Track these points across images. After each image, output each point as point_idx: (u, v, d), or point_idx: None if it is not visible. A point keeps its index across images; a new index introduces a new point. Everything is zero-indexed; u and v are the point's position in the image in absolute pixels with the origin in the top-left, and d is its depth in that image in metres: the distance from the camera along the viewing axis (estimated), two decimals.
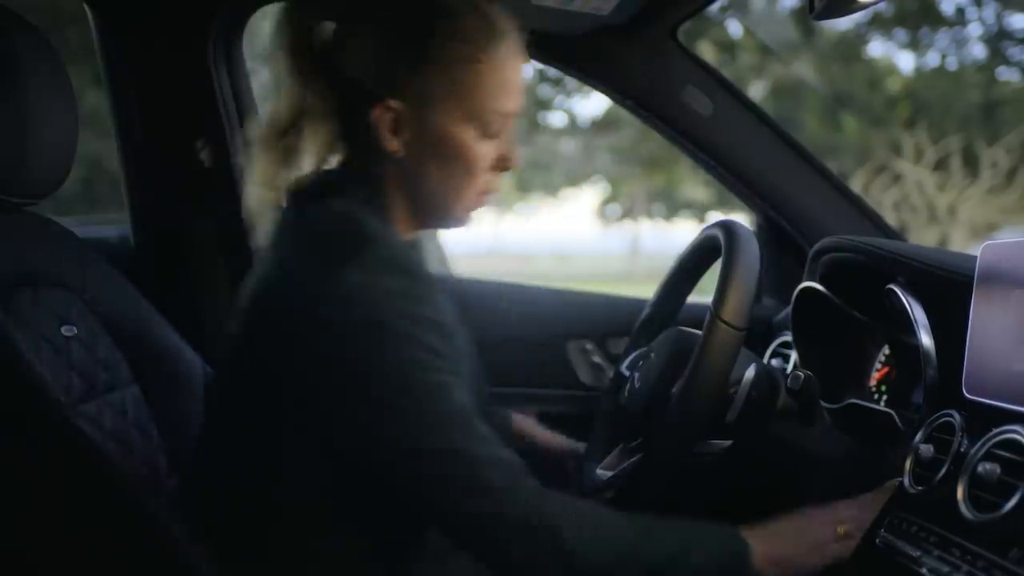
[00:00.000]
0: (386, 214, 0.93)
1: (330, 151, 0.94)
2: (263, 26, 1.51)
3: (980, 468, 0.88)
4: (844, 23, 9.20)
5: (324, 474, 0.88)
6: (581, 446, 1.30)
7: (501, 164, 0.94)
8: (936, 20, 9.23)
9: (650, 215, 13.29)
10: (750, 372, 1.07)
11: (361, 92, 0.89)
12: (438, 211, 0.95)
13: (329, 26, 0.92)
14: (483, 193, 0.95)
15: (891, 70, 10.02)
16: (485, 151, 0.92)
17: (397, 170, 0.92)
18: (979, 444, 0.91)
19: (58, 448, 0.86)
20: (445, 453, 0.83)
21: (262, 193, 0.93)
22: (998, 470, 0.86)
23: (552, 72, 8.83)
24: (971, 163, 8.41)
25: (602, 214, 13.62)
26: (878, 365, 1.28)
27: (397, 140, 0.90)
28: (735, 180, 1.63)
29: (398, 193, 0.94)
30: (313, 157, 0.93)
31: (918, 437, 1.00)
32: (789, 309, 1.32)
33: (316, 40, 0.91)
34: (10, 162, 0.99)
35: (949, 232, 8.39)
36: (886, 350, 1.27)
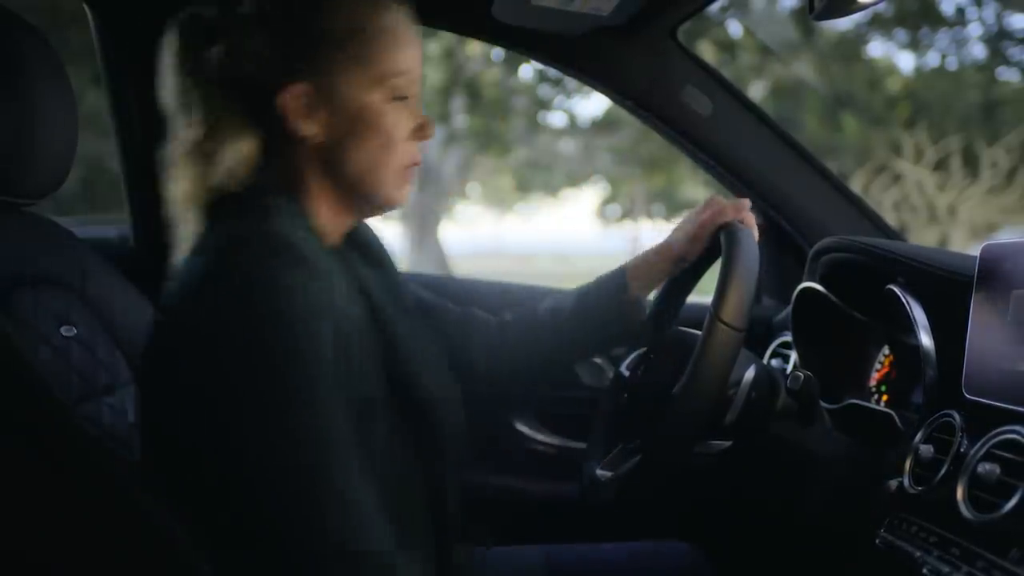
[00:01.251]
0: (312, 210, 0.92)
1: (251, 160, 0.90)
2: None
3: (980, 468, 0.88)
4: (844, 23, 9.20)
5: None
6: (581, 446, 1.30)
7: (420, 133, 0.94)
8: (936, 20, 9.23)
9: (650, 215, 13.28)
10: (750, 373, 1.07)
11: (262, 85, 0.89)
12: (366, 193, 0.93)
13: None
14: (407, 166, 0.94)
15: (891, 70, 10.02)
16: (399, 118, 0.91)
17: (317, 158, 0.91)
18: (979, 444, 0.91)
19: (57, 449, 0.86)
20: (299, 471, 0.75)
21: (183, 211, 0.90)
22: (998, 470, 0.86)
23: (552, 72, 8.83)
24: (971, 163, 8.41)
25: (602, 214, 13.62)
26: (878, 365, 1.28)
27: (312, 122, 0.89)
28: (735, 180, 1.63)
29: (322, 185, 0.92)
30: (234, 169, 0.89)
31: (918, 437, 1.01)
32: (789, 309, 1.32)
33: (209, 54, 0.90)
34: (10, 162, 0.99)
35: (949, 232, 8.39)
36: (886, 350, 1.27)
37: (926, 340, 1.06)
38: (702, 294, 1.29)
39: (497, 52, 9.13)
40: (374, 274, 1.03)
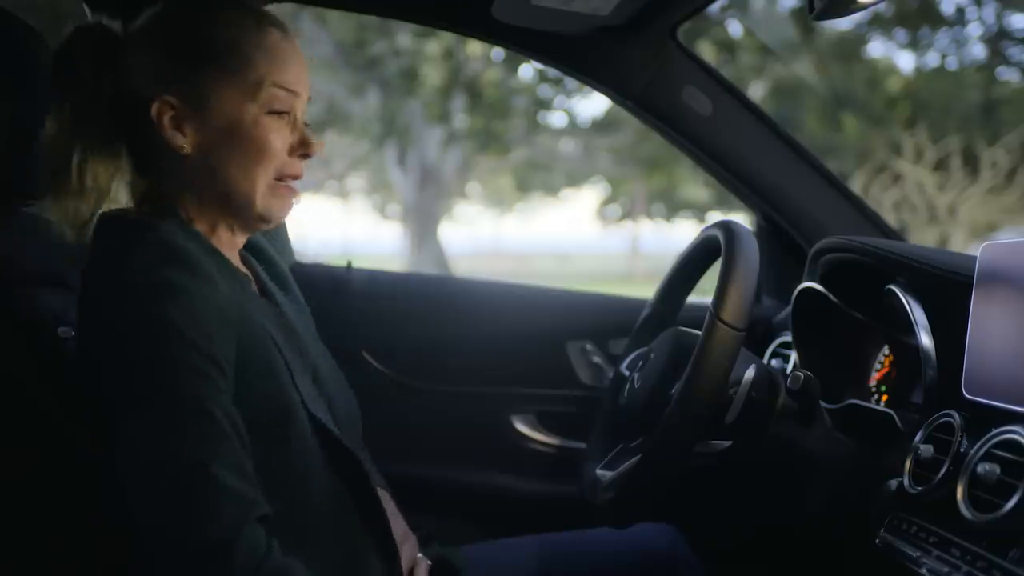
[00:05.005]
0: (194, 224, 0.94)
1: (125, 175, 0.94)
2: None
3: (980, 468, 0.88)
4: (844, 23, 9.20)
5: None
6: (581, 446, 1.30)
7: (300, 149, 0.94)
8: (936, 20, 9.23)
9: (650, 215, 13.29)
10: (750, 373, 1.07)
11: (137, 100, 0.91)
12: (239, 206, 0.93)
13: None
14: (283, 178, 0.94)
15: (891, 70, 10.02)
16: (275, 130, 0.92)
17: (190, 172, 0.92)
18: (979, 444, 0.91)
19: (55, 449, 0.86)
20: (177, 461, 0.79)
21: (66, 227, 0.92)
22: (998, 470, 0.86)
23: (552, 72, 8.83)
24: (971, 163, 8.41)
25: (602, 214, 13.62)
26: (878, 365, 1.28)
27: (182, 135, 0.91)
28: (735, 180, 1.63)
29: (198, 199, 0.94)
30: (102, 187, 0.92)
31: (918, 437, 1.01)
32: (789, 309, 1.32)
33: (103, 77, 0.93)
34: (9, 162, 0.99)
35: (949, 232, 8.40)
36: (886, 350, 1.27)
37: (926, 340, 1.06)
38: (702, 294, 1.29)
39: (497, 52, 9.14)
40: (278, 289, 1.06)
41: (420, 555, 1.08)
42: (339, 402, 1.01)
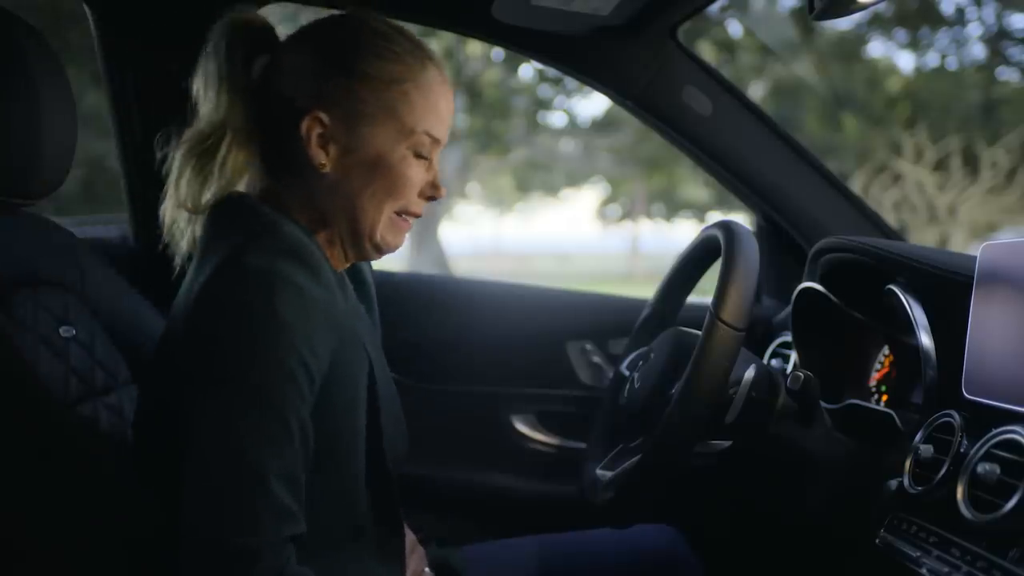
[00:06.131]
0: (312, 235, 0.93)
1: (252, 170, 0.94)
2: None
3: (980, 468, 0.88)
4: (844, 23, 9.20)
5: None
6: (581, 446, 1.30)
7: (430, 191, 0.95)
8: (936, 20, 9.23)
9: (650, 215, 13.28)
10: (750, 373, 1.07)
11: (291, 107, 0.90)
12: (359, 233, 0.94)
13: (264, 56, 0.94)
14: (405, 213, 0.95)
15: (891, 70, 10.02)
16: (415, 172, 0.93)
17: (321, 188, 0.92)
18: (979, 444, 0.91)
19: (55, 449, 0.86)
20: (237, 460, 0.79)
21: (179, 209, 0.93)
22: (998, 470, 0.87)
23: (552, 72, 8.83)
24: (971, 163, 8.41)
25: (602, 214, 13.62)
26: (878, 365, 1.28)
27: (325, 154, 0.91)
28: (735, 180, 1.63)
29: (321, 215, 0.93)
30: (234, 175, 0.92)
31: (918, 437, 1.01)
32: (789, 309, 1.32)
33: (254, 66, 0.93)
34: (10, 163, 0.99)
35: (949, 232, 8.39)
36: (886, 350, 1.27)
37: (926, 340, 1.06)
38: (702, 294, 1.29)
39: (497, 52, 9.13)
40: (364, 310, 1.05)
41: (427, 570, 1.09)
42: (390, 426, 0.99)
